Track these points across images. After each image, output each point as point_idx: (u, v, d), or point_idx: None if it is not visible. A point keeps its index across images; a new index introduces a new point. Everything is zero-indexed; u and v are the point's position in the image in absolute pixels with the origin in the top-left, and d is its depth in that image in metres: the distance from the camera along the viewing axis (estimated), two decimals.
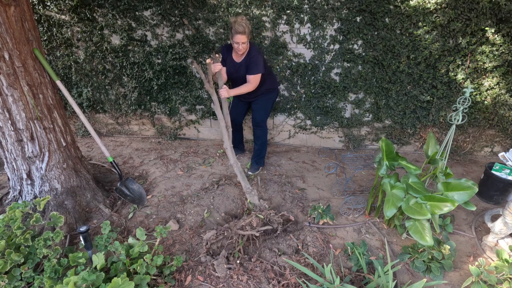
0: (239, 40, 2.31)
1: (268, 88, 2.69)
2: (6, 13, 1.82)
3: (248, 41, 2.36)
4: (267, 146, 3.01)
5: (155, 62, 3.32)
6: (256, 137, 2.88)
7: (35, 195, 2.26)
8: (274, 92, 2.77)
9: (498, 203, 2.46)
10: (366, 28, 2.76)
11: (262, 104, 2.75)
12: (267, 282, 1.78)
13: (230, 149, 2.30)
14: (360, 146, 3.41)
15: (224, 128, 2.29)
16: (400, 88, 2.96)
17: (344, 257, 1.99)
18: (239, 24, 2.25)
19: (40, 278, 1.55)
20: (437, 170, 1.98)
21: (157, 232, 1.78)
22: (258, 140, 2.89)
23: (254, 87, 2.49)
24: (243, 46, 2.36)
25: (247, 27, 2.28)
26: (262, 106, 2.75)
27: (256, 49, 2.48)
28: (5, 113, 1.98)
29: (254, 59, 2.43)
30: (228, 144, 2.29)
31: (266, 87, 2.66)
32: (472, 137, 3.10)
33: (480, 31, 2.54)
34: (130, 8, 3.06)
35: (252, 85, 2.48)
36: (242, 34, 2.28)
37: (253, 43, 2.52)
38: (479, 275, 1.64)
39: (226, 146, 2.31)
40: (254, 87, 2.49)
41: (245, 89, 2.49)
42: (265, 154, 3.00)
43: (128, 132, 3.97)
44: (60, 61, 3.51)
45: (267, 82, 2.64)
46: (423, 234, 1.71)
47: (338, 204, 2.48)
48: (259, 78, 2.48)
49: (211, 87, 2.25)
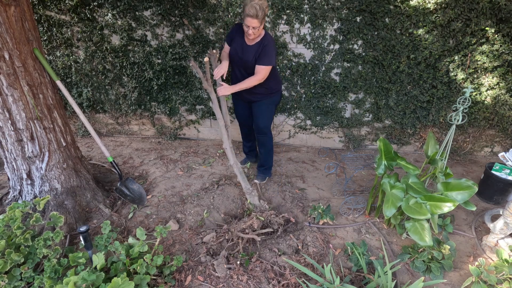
0: (249, 24, 2.02)
1: (272, 89, 2.43)
2: (6, 13, 1.82)
3: (261, 26, 2.07)
4: (273, 154, 2.78)
5: (155, 62, 3.32)
6: (261, 144, 2.65)
7: (35, 195, 2.26)
8: (277, 94, 2.52)
9: (498, 203, 2.46)
10: (366, 28, 2.76)
11: (265, 108, 2.48)
12: (267, 282, 1.78)
13: (229, 149, 2.28)
14: (360, 146, 3.41)
15: (223, 127, 2.25)
16: (400, 88, 2.96)
17: (344, 257, 1.99)
18: (251, 6, 1.95)
19: (40, 278, 1.55)
20: (437, 170, 1.97)
21: (157, 232, 1.78)
22: (263, 147, 2.65)
23: (260, 80, 2.23)
24: (254, 32, 2.08)
25: (262, 10, 1.98)
26: (265, 110, 2.48)
27: (270, 37, 2.20)
28: (5, 113, 1.98)
29: (268, 49, 2.16)
30: (227, 144, 2.26)
31: (269, 87, 2.40)
32: (472, 137, 3.10)
33: (480, 31, 2.54)
34: (130, 8, 3.06)
35: (260, 77, 2.21)
36: (253, 18, 1.99)
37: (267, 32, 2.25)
38: (479, 275, 1.64)
39: (226, 146, 2.28)
40: (261, 80, 2.23)
41: (251, 82, 2.22)
42: (272, 164, 2.80)
43: (128, 132, 3.97)
44: (60, 61, 3.51)
45: (271, 82, 2.38)
46: (423, 234, 1.71)
47: (338, 204, 2.48)
48: (268, 71, 2.22)
49: (209, 85, 2.22)
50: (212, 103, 2.25)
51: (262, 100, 2.45)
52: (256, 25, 2.02)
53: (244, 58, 2.25)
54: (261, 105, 2.47)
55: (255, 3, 1.95)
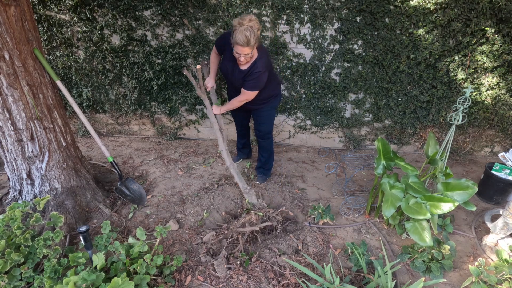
0: (240, 52, 1.84)
1: (269, 95, 2.33)
2: (6, 13, 1.82)
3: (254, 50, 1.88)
4: (273, 156, 2.79)
5: (155, 62, 3.32)
6: (262, 149, 2.66)
7: (35, 195, 2.26)
8: (277, 98, 2.43)
9: (498, 203, 2.46)
10: (366, 28, 2.76)
11: (265, 115, 2.43)
12: (267, 282, 1.78)
13: (225, 152, 2.33)
14: (360, 146, 3.41)
15: (218, 131, 2.32)
16: (400, 88, 2.96)
17: (344, 257, 1.99)
18: (241, 33, 1.75)
19: (40, 278, 1.55)
20: (437, 170, 1.97)
21: (157, 232, 1.78)
22: (265, 152, 2.66)
23: (247, 100, 2.19)
24: (246, 58, 1.90)
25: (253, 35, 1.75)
26: (266, 116, 2.44)
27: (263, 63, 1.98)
28: (5, 113, 1.98)
29: (256, 77, 1.99)
30: (223, 146, 2.32)
31: (267, 94, 2.30)
32: (472, 137, 3.10)
33: (480, 31, 2.54)
34: (130, 8, 3.06)
35: (243, 98, 2.16)
36: (243, 46, 1.80)
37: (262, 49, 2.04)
38: (479, 275, 1.64)
39: (222, 149, 2.33)
40: (249, 100, 2.18)
41: (237, 103, 2.20)
42: (272, 165, 2.82)
43: (128, 132, 3.97)
44: (60, 61, 3.51)
45: (268, 88, 2.25)
46: (423, 234, 1.71)
47: (338, 204, 2.48)
48: (254, 95, 2.12)
49: (202, 92, 2.29)
50: (206, 109, 2.33)
51: (262, 107, 2.40)
52: (248, 52, 1.84)
53: (234, 82, 2.20)
54: (261, 111, 2.42)
55: (245, 29, 1.75)
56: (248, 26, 1.78)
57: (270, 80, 2.23)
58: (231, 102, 2.26)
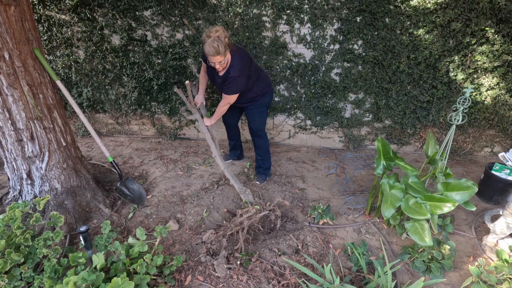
0: (213, 61, 2.01)
1: (256, 95, 2.43)
2: (6, 13, 1.82)
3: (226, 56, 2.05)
4: (270, 154, 2.81)
5: (155, 62, 3.32)
6: (257, 147, 2.70)
7: (35, 195, 2.26)
8: (267, 96, 2.50)
9: (498, 203, 2.46)
10: (366, 28, 2.76)
11: (256, 112, 2.51)
12: (267, 282, 1.78)
13: (219, 157, 2.46)
14: (360, 146, 3.41)
15: (210, 139, 2.48)
16: (400, 88, 2.96)
17: (344, 257, 1.99)
18: (209, 46, 1.92)
19: (40, 278, 1.55)
20: (437, 170, 1.97)
21: (157, 232, 1.78)
22: (259, 149, 2.70)
23: (231, 103, 2.30)
24: (221, 65, 2.07)
25: (221, 44, 1.92)
26: (256, 114, 2.52)
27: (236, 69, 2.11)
28: (5, 113, 1.98)
29: (231, 81, 2.14)
30: (216, 153, 2.46)
31: (254, 94, 2.41)
32: (472, 137, 3.10)
33: (480, 31, 2.54)
34: (130, 8, 3.06)
35: (227, 102, 2.28)
36: (214, 56, 1.96)
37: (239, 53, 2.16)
38: (479, 275, 1.64)
39: (215, 155, 2.46)
40: (231, 103, 2.30)
41: (222, 108, 2.33)
42: (270, 164, 2.82)
43: (128, 132, 3.97)
44: (60, 61, 3.51)
45: (254, 89, 2.38)
46: (423, 234, 1.71)
47: (338, 204, 2.48)
48: (234, 98, 2.26)
49: (192, 106, 2.49)
50: (198, 122, 2.51)
51: (252, 104, 2.49)
52: (220, 59, 2.01)
53: (217, 86, 2.39)
54: (252, 109, 2.51)
55: (212, 40, 1.91)
56: (215, 37, 1.94)
57: (256, 81, 2.37)
58: (216, 110, 2.40)
